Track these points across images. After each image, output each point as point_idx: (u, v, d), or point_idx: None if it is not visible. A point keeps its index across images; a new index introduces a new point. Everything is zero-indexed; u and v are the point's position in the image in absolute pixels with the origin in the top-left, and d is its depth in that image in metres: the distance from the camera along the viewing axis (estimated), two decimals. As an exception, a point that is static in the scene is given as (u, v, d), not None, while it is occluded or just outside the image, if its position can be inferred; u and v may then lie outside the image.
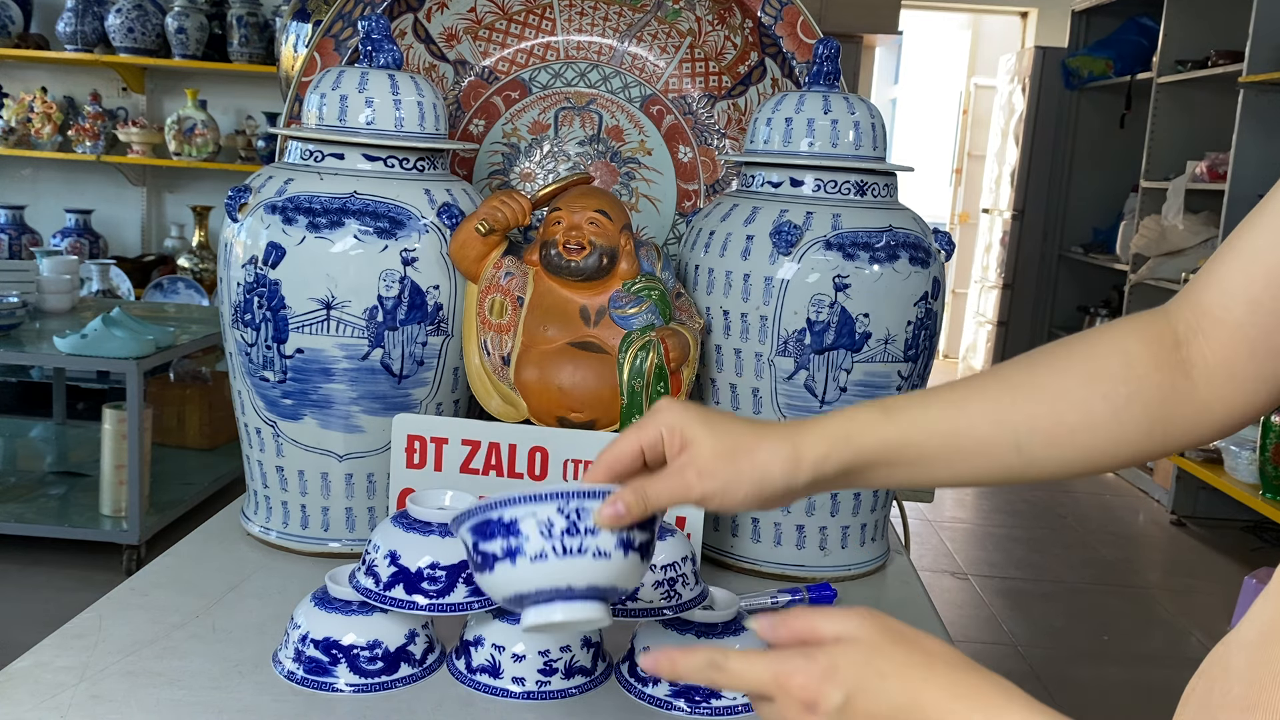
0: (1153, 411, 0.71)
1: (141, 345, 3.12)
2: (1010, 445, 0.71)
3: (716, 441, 0.69)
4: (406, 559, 0.88)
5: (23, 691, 0.86)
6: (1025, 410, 0.71)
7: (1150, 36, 5.43)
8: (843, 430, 0.71)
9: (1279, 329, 0.68)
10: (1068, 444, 0.71)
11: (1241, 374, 0.70)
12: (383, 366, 1.13)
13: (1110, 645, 3.25)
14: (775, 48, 1.37)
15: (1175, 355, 0.72)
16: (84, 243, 4.71)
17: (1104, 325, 0.75)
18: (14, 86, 4.87)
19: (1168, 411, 0.71)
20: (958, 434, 0.71)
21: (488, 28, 1.40)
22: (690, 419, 0.70)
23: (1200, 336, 0.71)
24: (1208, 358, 0.71)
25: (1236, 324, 0.69)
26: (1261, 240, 0.68)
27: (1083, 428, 0.71)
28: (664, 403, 0.72)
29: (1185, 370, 0.71)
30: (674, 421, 0.70)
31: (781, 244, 1.12)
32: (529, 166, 1.43)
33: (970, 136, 7.66)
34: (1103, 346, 0.73)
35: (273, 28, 4.64)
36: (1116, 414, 0.70)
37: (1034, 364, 0.73)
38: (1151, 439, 0.71)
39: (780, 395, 1.15)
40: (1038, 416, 0.71)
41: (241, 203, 1.14)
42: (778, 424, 0.72)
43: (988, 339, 6.54)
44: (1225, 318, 0.70)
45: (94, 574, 3.20)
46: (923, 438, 0.71)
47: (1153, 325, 0.73)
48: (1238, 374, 0.70)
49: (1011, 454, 0.71)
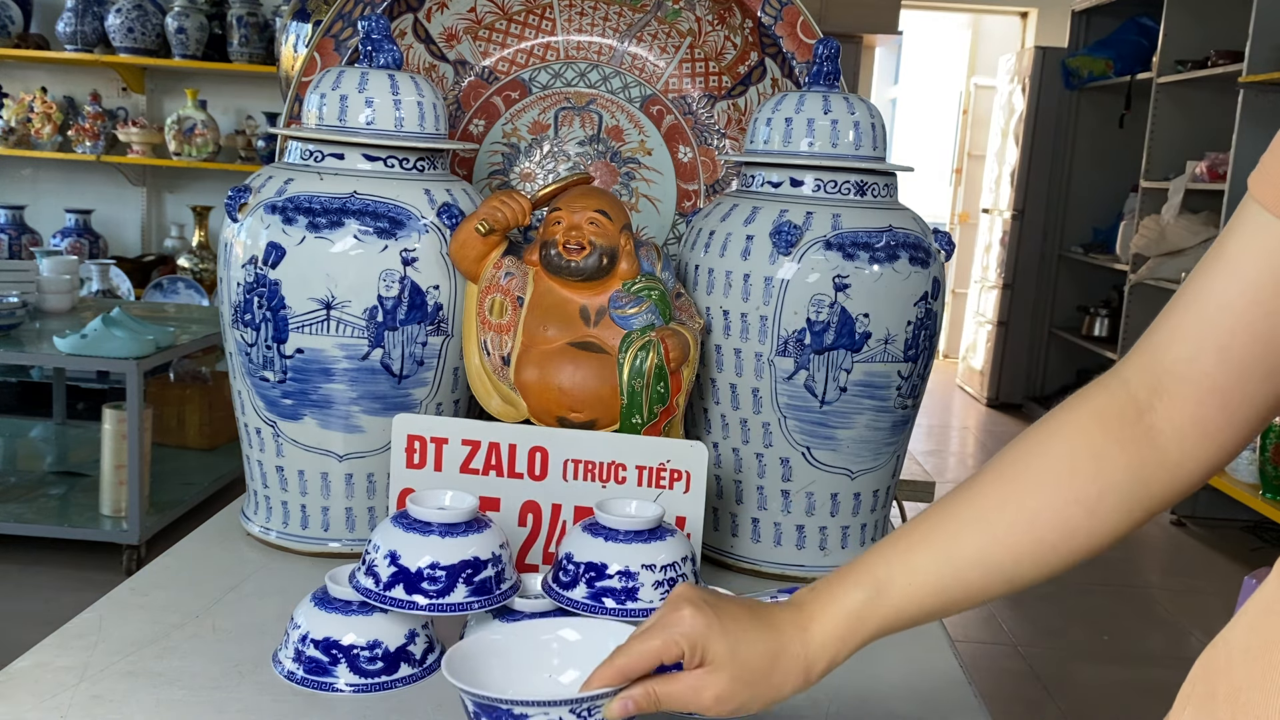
0: (1127, 495, 0.70)
1: (141, 345, 3.12)
2: (1001, 581, 0.72)
3: (737, 671, 0.70)
4: (406, 559, 0.88)
5: (23, 691, 0.86)
6: (1007, 544, 0.71)
7: (1150, 36, 5.43)
8: (841, 628, 0.72)
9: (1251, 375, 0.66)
10: (1052, 557, 0.71)
11: (1214, 428, 0.68)
12: (383, 366, 1.13)
13: (1110, 645, 3.25)
14: (775, 48, 1.37)
15: (1139, 427, 0.70)
16: (84, 243, 4.71)
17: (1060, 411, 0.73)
18: (14, 86, 4.87)
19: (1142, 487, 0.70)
20: (949, 589, 0.72)
21: (488, 28, 1.40)
22: (712, 635, 0.70)
23: (1165, 398, 0.69)
24: (1175, 419, 0.69)
25: (1204, 375, 0.67)
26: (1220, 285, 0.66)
27: (1063, 539, 0.71)
28: (686, 609, 0.71)
29: (1152, 439, 0.70)
30: (696, 638, 0.70)
31: (781, 244, 1.12)
32: (529, 166, 1.43)
33: (970, 136, 7.66)
34: (1064, 446, 0.71)
35: (273, 28, 4.64)
36: (1092, 514, 0.70)
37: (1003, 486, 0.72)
38: (1131, 517, 0.71)
39: (780, 395, 1.15)
40: (1021, 545, 0.71)
41: (241, 203, 1.14)
42: (787, 628, 0.72)
43: (988, 339, 6.54)
44: (1190, 372, 0.68)
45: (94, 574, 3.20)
46: (915, 604, 0.72)
47: (1111, 401, 0.71)
48: (1210, 429, 0.69)
49: (1002, 586, 0.72)
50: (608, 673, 0.70)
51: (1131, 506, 0.70)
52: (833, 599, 0.72)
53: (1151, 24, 5.45)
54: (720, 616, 0.71)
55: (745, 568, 1.22)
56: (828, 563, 1.21)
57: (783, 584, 1.18)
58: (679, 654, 0.70)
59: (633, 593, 0.89)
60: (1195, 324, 0.68)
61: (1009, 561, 0.71)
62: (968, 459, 5.48)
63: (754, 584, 1.19)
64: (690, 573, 0.93)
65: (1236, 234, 0.66)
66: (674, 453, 1.04)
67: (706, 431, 1.22)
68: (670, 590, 0.91)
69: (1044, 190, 6.23)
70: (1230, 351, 0.66)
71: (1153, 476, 0.70)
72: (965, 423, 6.17)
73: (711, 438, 1.22)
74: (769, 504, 1.20)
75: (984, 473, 0.74)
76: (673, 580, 0.91)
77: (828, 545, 1.21)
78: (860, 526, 1.22)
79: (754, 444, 1.18)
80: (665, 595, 0.90)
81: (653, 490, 1.05)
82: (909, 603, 0.72)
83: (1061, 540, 0.71)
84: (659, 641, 0.70)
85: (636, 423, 1.09)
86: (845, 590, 0.72)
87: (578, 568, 0.90)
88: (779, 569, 1.21)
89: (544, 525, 1.07)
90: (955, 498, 0.73)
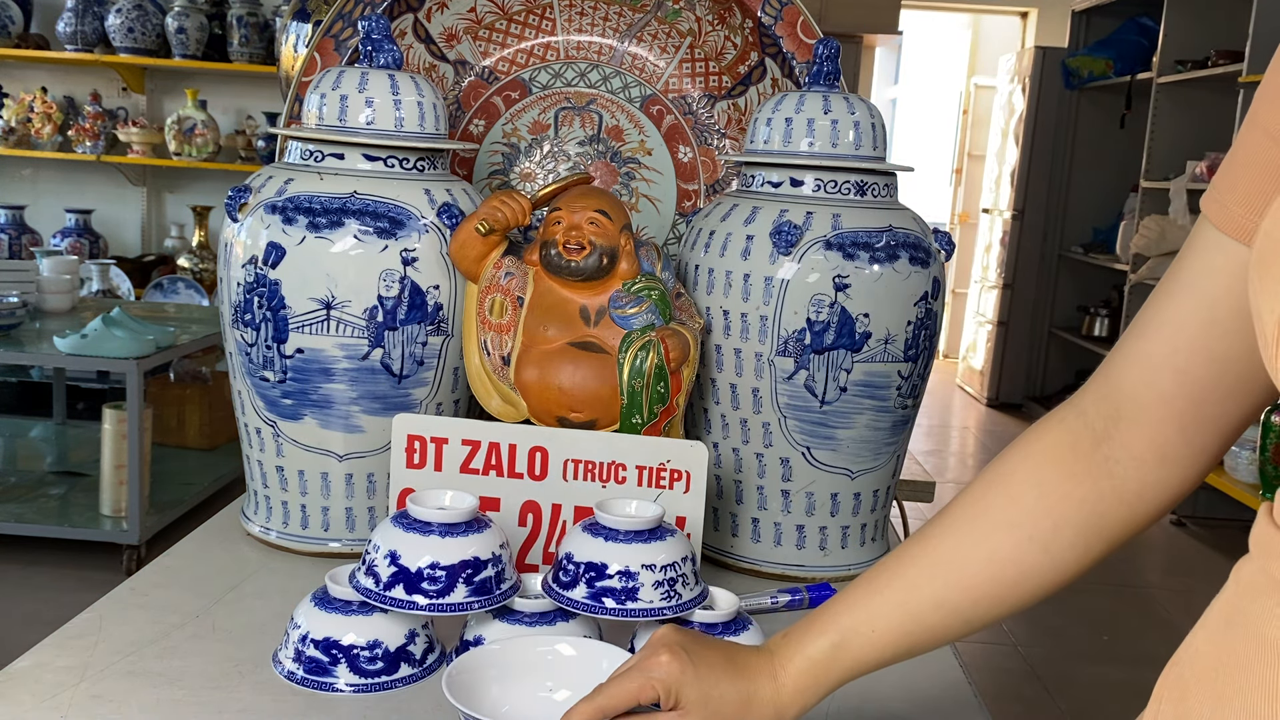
0: (1082, 528, 0.71)
1: (141, 345, 3.12)
2: (960, 621, 0.73)
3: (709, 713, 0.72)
4: (406, 559, 0.88)
5: (23, 691, 0.86)
6: (963, 586, 0.72)
7: (1150, 36, 5.43)
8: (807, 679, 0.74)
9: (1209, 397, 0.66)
10: (1012, 596, 0.72)
11: (1173, 454, 0.68)
12: (383, 366, 1.13)
13: (1110, 645, 3.25)
14: (775, 48, 1.37)
15: (1094, 458, 0.70)
16: (84, 243, 4.71)
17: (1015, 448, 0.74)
18: (14, 86, 4.87)
19: (1098, 520, 0.71)
20: (910, 634, 0.74)
21: (488, 28, 1.40)
22: (686, 681, 0.72)
23: (1122, 424, 0.69)
24: (1133, 446, 0.69)
25: (1162, 399, 0.67)
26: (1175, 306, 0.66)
27: (1020, 578, 0.72)
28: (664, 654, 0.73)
29: (1108, 470, 0.70)
30: (670, 683, 0.71)
31: (781, 244, 1.12)
32: (529, 166, 1.43)
33: (970, 136, 7.66)
34: (1015, 486, 0.72)
35: (273, 28, 4.64)
36: (1047, 550, 0.71)
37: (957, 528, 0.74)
38: (1090, 552, 0.72)
39: (780, 395, 1.15)
40: (977, 586, 0.72)
41: (241, 203, 1.14)
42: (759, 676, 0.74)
43: (988, 339, 6.54)
44: (1148, 396, 0.68)
45: (94, 574, 3.20)
46: (879, 651, 0.74)
47: (1064, 435, 0.72)
48: (1169, 455, 0.68)
49: (963, 626, 0.74)
50: (587, 709, 0.71)
51: (1089, 541, 0.71)
52: (799, 648, 0.75)
53: (1151, 24, 5.45)
54: (695, 663, 0.73)
55: (745, 568, 1.22)
56: (828, 563, 1.21)
57: (782, 584, 1.18)
58: (654, 697, 0.72)
59: (633, 593, 0.89)
60: (1152, 347, 0.67)
61: (966, 604, 0.73)
62: (968, 459, 5.48)
63: (754, 584, 1.19)
64: (690, 573, 0.93)
65: (1190, 255, 0.66)
66: (674, 453, 1.04)
67: (706, 431, 1.22)
68: (670, 590, 0.91)
69: (1044, 190, 6.23)
70: (1187, 374, 0.66)
71: (1109, 510, 0.70)
72: (965, 423, 6.17)
73: (711, 438, 1.22)
74: (769, 504, 1.20)
75: (942, 515, 0.75)
76: (673, 580, 0.91)
77: (828, 545, 1.21)
78: (860, 526, 1.22)
79: (754, 444, 1.18)
80: (665, 595, 0.90)
81: (653, 490, 1.05)
82: (872, 649, 0.74)
83: (1019, 579, 0.72)
84: (636, 685, 0.72)
85: (636, 423, 1.09)
86: (811, 639, 0.75)
87: (578, 568, 0.90)
88: (779, 569, 1.21)
89: (544, 525, 1.07)
90: (916, 542, 0.75)
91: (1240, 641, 0.53)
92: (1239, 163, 0.62)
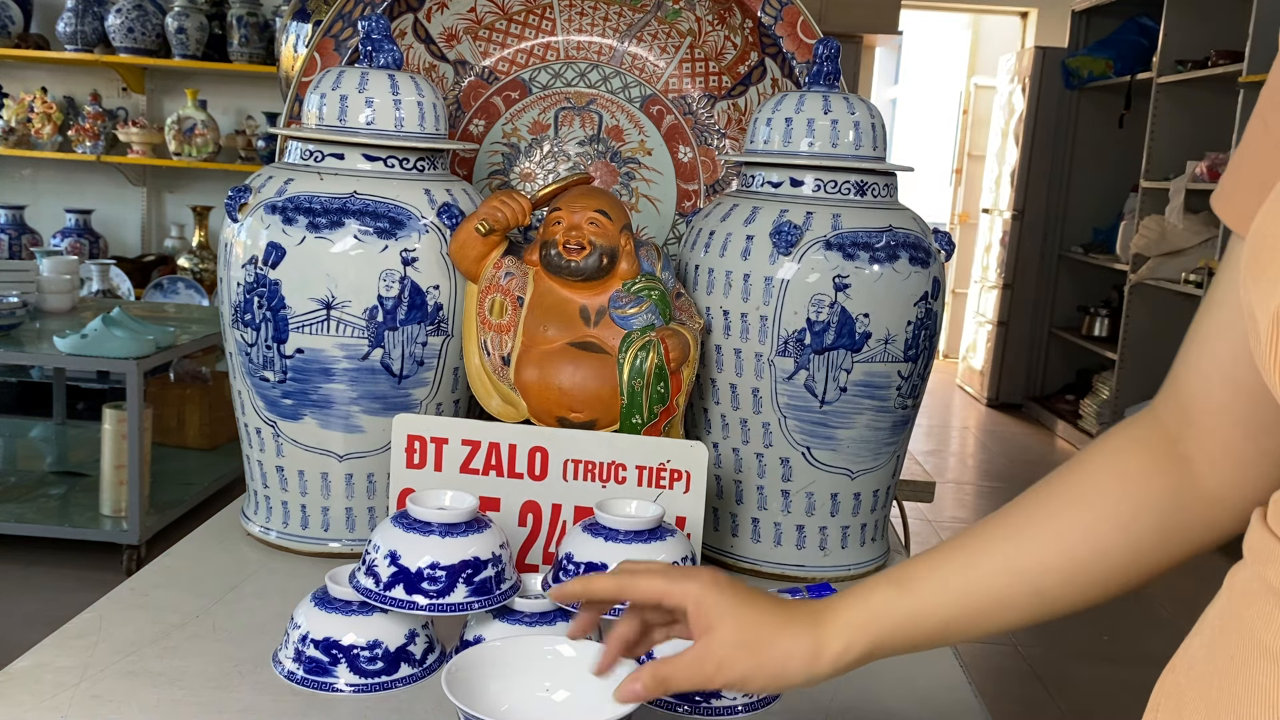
0: (1162, 519, 0.69)
1: (141, 345, 3.12)
2: (1027, 592, 0.71)
3: (740, 633, 0.70)
4: (406, 559, 0.88)
5: (23, 691, 0.86)
6: (1035, 554, 0.70)
7: (1150, 36, 5.43)
8: (861, 616, 0.71)
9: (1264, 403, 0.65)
10: (1084, 577, 0.70)
11: (1243, 456, 0.67)
12: (383, 366, 1.13)
13: (1110, 645, 3.25)
14: (775, 48, 1.37)
15: (1172, 454, 0.69)
16: (84, 243, 4.71)
17: (1098, 442, 0.73)
18: (14, 86, 4.87)
19: (1177, 514, 0.69)
20: (974, 593, 0.71)
21: (488, 28, 1.40)
22: (721, 601, 0.70)
23: (1192, 428, 0.69)
24: (1206, 447, 0.68)
25: (1222, 407, 0.66)
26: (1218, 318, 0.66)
27: (1095, 556, 0.70)
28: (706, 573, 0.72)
29: (1186, 466, 0.69)
30: (704, 600, 0.70)
31: (781, 244, 1.12)
32: (529, 166, 1.43)
33: (970, 136, 7.66)
34: (1097, 468, 0.71)
35: (273, 28, 4.64)
36: (1125, 532, 0.69)
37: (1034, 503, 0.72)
38: (1167, 547, 0.70)
39: (780, 395, 1.15)
40: (1049, 557, 0.70)
41: (241, 203, 1.14)
42: (802, 608, 0.72)
43: (988, 339, 6.54)
44: (1208, 403, 0.67)
45: (94, 574, 3.20)
46: (940, 605, 0.71)
47: (1144, 430, 0.71)
48: (1240, 457, 0.67)
49: (1030, 599, 0.71)
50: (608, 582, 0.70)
51: (1165, 535, 0.69)
52: (857, 592, 0.73)
53: (1151, 24, 5.45)
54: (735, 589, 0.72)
55: (745, 568, 1.22)
56: (828, 563, 1.21)
57: (783, 584, 1.18)
58: (680, 603, 0.70)
59: (633, 593, 0.89)
60: (1203, 357, 0.67)
61: (1036, 571, 0.70)
62: (968, 459, 5.48)
63: (754, 584, 1.18)
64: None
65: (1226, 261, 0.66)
66: (674, 453, 1.04)
67: (706, 431, 1.22)
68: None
69: (1044, 190, 6.23)
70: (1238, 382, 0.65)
71: (1188, 505, 0.69)
72: (965, 423, 6.17)
73: (711, 438, 1.22)
74: (769, 504, 1.20)
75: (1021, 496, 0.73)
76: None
77: (828, 545, 1.21)
78: (860, 526, 1.22)
79: (754, 444, 1.18)
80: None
81: (653, 490, 1.05)
82: (932, 599, 0.71)
83: (1092, 557, 0.70)
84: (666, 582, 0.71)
85: (636, 423, 1.09)
86: (872, 585, 0.73)
87: (578, 568, 0.90)
88: (779, 569, 1.21)
89: (544, 525, 1.07)
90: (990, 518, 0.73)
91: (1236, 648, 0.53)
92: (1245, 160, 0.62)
